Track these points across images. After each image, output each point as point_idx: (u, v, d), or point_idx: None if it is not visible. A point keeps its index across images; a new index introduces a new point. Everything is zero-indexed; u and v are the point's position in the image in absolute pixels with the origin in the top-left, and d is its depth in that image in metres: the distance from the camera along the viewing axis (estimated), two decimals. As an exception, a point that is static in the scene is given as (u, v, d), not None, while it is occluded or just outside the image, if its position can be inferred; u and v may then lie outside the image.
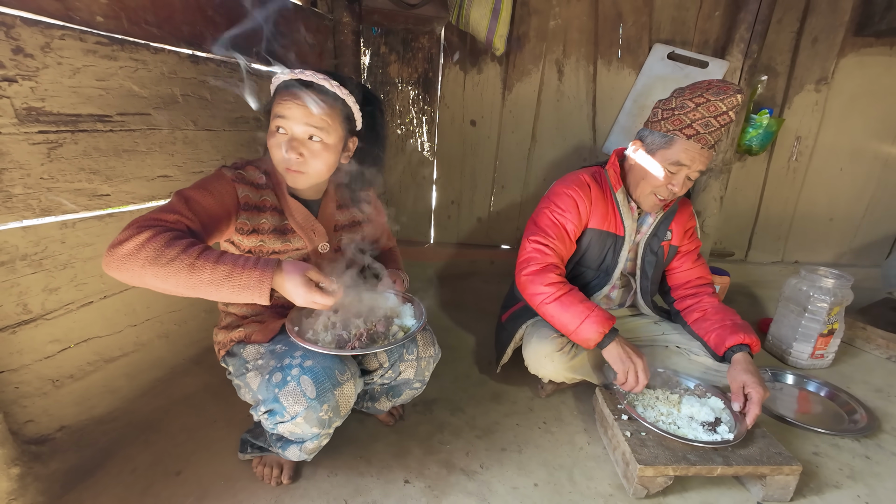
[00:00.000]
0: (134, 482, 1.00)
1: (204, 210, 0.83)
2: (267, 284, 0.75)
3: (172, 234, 0.74)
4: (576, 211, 1.24)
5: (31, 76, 0.88)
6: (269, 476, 1.00)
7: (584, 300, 1.17)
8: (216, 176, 0.90)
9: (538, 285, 1.19)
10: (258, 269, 0.75)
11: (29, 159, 0.90)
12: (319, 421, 0.85)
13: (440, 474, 1.07)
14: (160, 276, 0.71)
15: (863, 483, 1.11)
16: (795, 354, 1.65)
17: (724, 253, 2.41)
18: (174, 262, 0.71)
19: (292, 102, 0.88)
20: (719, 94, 1.08)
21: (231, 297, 0.75)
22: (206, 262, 0.73)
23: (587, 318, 1.13)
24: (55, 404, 1.03)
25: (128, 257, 0.71)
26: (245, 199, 0.91)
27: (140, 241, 0.71)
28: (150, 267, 0.70)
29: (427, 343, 1.06)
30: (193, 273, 0.72)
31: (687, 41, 2.01)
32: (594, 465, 1.13)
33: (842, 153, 2.22)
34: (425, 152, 2.20)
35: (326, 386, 0.85)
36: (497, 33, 1.84)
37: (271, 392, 0.85)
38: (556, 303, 1.16)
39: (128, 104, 1.08)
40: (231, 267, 0.74)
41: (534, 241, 1.24)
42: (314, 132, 0.90)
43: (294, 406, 0.83)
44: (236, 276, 0.73)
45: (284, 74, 0.92)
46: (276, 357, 0.92)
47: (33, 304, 0.96)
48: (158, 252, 0.71)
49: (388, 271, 1.15)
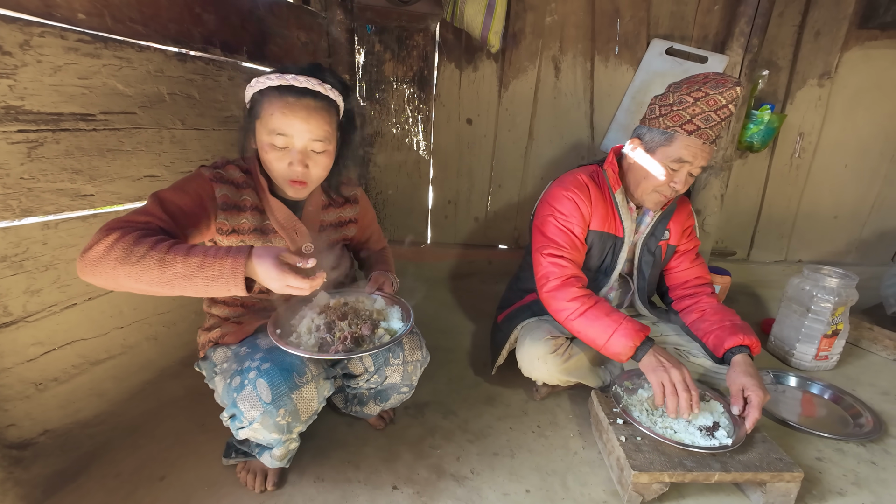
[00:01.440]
0: (117, 487, 0.98)
1: (179, 210, 0.81)
2: (240, 272, 0.70)
3: (141, 232, 0.72)
4: (579, 214, 1.21)
5: (9, 74, 0.87)
6: (253, 482, 0.98)
7: (612, 312, 1.11)
8: (193, 176, 0.88)
9: (561, 301, 1.14)
10: (230, 256, 0.71)
11: (8, 159, 0.89)
12: (277, 426, 0.83)
13: (429, 480, 1.05)
14: (133, 276, 0.69)
15: (868, 490, 1.08)
16: (798, 356, 1.61)
17: (725, 252, 2.36)
18: (144, 260, 0.68)
19: (294, 117, 0.85)
20: (718, 88, 1.05)
21: (207, 289, 0.71)
22: (177, 255, 0.70)
23: (615, 331, 1.07)
24: (38, 408, 1.01)
25: (98, 260, 0.69)
26: (223, 198, 0.89)
27: (108, 242, 0.69)
28: (120, 267, 0.68)
29: (414, 347, 1.03)
30: (165, 268, 0.69)
31: (686, 36, 1.97)
32: (588, 470, 1.10)
33: (846, 149, 2.17)
34: (421, 151, 2.18)
35: (282, 389, 0.82)
36: (492, 30, 1.82)
37: (231, 396, 0.83)
38: (581, 318, 1.11)
39: (112, 103, 1.06)
40: (202, 258, 0.70)
41: (548, 254, 1.19)
42: (318, 144, 0.88)
43: (250, 411, 0.81)
44: (208, 266, 0.70)
45: (272, 79, 0.87)
46: (238, 360, 0.90)
47: (14, 306, 0.94)
48: (127, 251, 0.68)
49: (376, 273, 1.12)
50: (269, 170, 0.92)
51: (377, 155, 2.18)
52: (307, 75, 0.88)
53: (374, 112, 2.12)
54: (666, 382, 1.01)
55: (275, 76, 0.87)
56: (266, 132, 0.88)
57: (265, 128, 0.88)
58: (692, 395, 1.00)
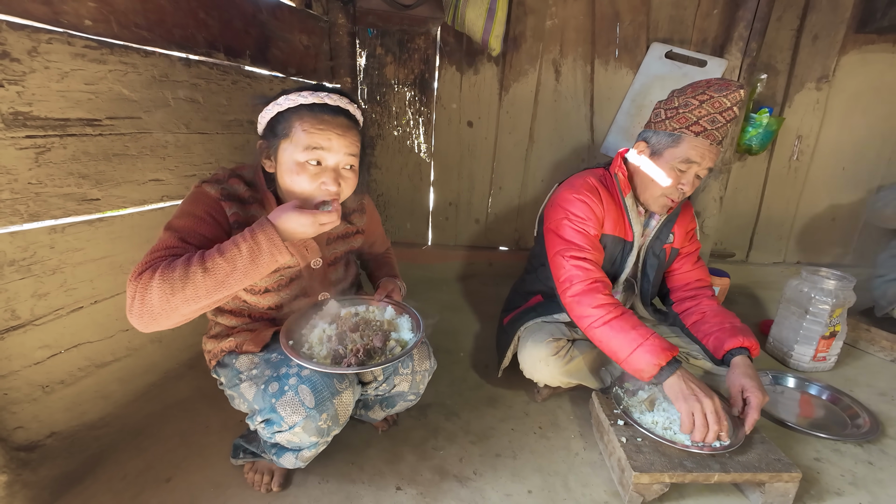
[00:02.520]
0: (124, 489, 0.99)
1: (202, 238, 0.81)
2: (277, 239, 0.76)
3: (168, 261, 0.74)
4: (594, 217, 1.21)
5: (17, 81, 0.88)
6: (260, 482, 0.99)
7: (639, 325, 1.06)
8: (199, 196, 0.86)
9: (586, 307, 1.10)
10: (259, 232, 0.76)
11: (16, 164, 0.90)
12: (318, 430, 0.84)
13: (433, 481, 1.06)
14: (188, 299, 0.72)
15: (865, 490, 1.09)
16: (797, 357, 1.63)
17: (724, 254, 2.38)
18: (188, 279, 0.72)
19: (332, 132, 0.84)
20: (722, 91, 1.07)
21: (257, 272, 0.76)
22: (214, 259, 0.74)
23: (640, 346, 1.02)
24: (45, 410, 1.02)
25: (146, 307, 0.72)
26: (234, 216, 0.87)
27: (144, 285, 0.72)
28: (172, 298, 0.72)
29: (423, 357, 1.04)
30: (210, 275, 0.73)
31: (685, 40, 1.99)
32: (590, 471, 1.11)
33: (844, 152, 2.19)
34: (422, 154, 2.19)
35: (325, 395, 0.83)
36: (493, 33, 1.83)
37: (268, 402, 0.83)
38: (605, 327, 1.07)
39: (118, 108, 1.07)
40: (236, 248, 0.75)
41: (571, 256, 1.15)
42: (352, 160, 0.89)
43: (292, 416, 0.82)
44: (245, 251, 0.75)
45: (305, 96, 0.85)
46: (271, 366, 0.90)
47: (22, 309, 0.95)
48: (168, 282, 0.72)
49: (384, 280, 1.12)
50: (292, 191, 0.87)
51: (378, 157, 2.19)
52: (339, 94, 0.88)
53: (376, 115, 2.13)
54: (697, 413, 0.98)
55: (307, 93, 0.86)
56: (300, 150, 0.84)
57: (298, 145, 0.84)
58: (722, 427, 0.97)
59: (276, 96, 0.89)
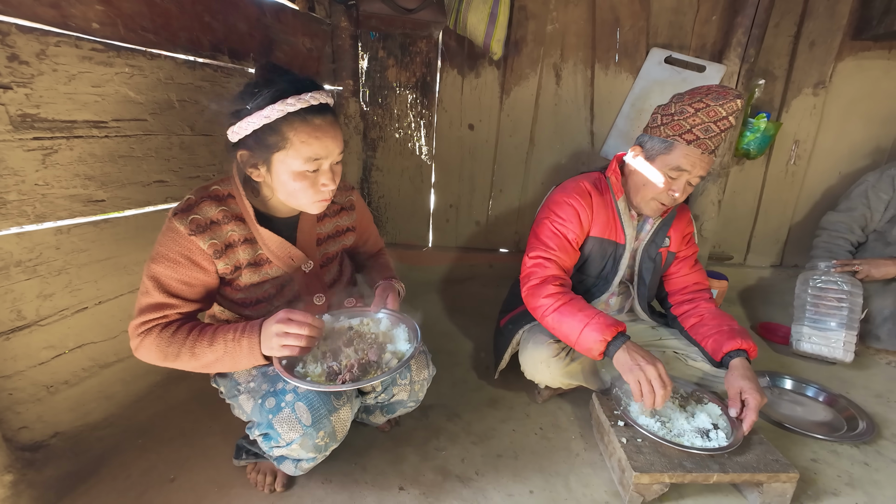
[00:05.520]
0: (128, 489, 1.00)
1: (184, 285, 0.86)
2: (256, 350, 0.83)
3: (167, 331, 0.84)
4: (577, 220, 1.23)
5: (26, 83, 0.89)
6: (263, 483, 1.00)
7: (585, 308, 1.11)
8: (171, 234, 0.83)
9: (538, 298, 1.17)
10: (242, 338, 0.83)
11: (24, 166, 0.90)
12: (316, 447, 0.84)
13: (435, 481, 1.07)
14: (178, 366, 0.85)
15: (862, 490, 1.11)
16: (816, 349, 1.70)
17: (722, 257, 2.40)
18: (179, 357, 0.83)
19: (326, 138, 0.83)
20: (719, 100, 1.08)
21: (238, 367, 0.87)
22: (203, 346, 0.83)
23: (587, 325, 1.06)
24: (50, 410, 1.03)
25: (145, 357, 0.85)
26: (212, 247, 0.85)
27: (144, 349, 0.84)
28: (165, 362, 0.84)
29: (421, 366, 1.03)
30: (197, 359, 0.84)
31: (684, 45, 2.01)
32: (590, 471, 1.12)
33: (841, 157, 2.22)
34: (423, 156, 2.21)
35: (322, 413, 0.83)
36: (494, 38, 1.85)
37: (265, 417, 0.84)
38: (555, 314, 1.13)
39: (123, 110, 1.08)
40: (224, 345, 0.83)
41: (534, 256, 1.23)
42: (342, 156, 0.90)
43: (289, 433, 0.82)
44: (230, 351, 0.83)
45: (290, 103, 0.79)
46: (268, 380, 0.91)
47: (27, 310, 0.96)
48: (163, 352, 0.83)
49: (380, 285, 1.06)
50: (292, 196, 0.87)
51: (380, 159, 2.21)
52: (314, 89, 0.82)
53: (378, 117, 2.14)
54: (643, 381, 1.00)
55: (293, 100, 0.79)
56: (300, 161, 0.82)
57: (297, 157, 0.82)
58: (667, 391, 1.00)
59: (251, 105, 0.80)
